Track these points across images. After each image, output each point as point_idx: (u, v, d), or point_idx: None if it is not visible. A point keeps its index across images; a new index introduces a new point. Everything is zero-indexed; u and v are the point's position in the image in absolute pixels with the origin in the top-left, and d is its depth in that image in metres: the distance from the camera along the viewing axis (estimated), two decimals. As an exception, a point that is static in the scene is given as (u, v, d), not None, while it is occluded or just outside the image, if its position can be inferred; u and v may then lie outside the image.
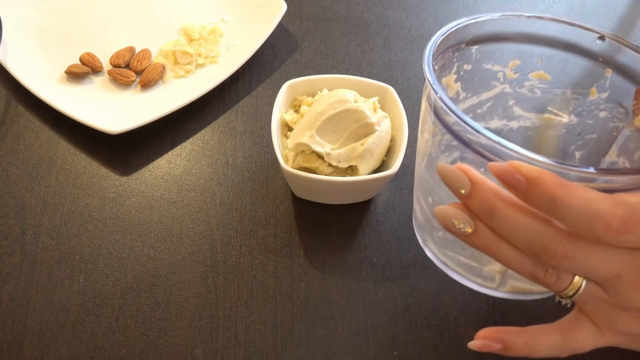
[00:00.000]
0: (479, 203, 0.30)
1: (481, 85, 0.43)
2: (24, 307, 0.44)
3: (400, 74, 0.60)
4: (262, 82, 0.59)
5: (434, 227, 0.41)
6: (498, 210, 0.30)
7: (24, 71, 0.55)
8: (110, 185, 0.51)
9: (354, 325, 0.44)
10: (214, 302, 0.45)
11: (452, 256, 0.41)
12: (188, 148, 0.54)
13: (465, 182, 0.30)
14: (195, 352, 0.42)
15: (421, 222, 0.43)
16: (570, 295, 0.32)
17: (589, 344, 0.33)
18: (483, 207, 0.30)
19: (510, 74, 0.43)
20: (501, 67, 0.42)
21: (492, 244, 0.31)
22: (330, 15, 0.64)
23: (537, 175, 0.28)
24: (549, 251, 0.30)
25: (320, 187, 0.47)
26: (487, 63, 0.42)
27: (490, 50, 0.42)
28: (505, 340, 0.33)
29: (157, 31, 0.61)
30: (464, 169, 0.30)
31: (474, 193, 0.30)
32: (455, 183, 0.31)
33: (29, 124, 0.54)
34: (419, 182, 0.42)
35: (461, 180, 0.30)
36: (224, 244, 0.48)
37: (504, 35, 0.41)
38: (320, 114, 0.46)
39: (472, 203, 0.31)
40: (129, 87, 0.57)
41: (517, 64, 0.42)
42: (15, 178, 0.51)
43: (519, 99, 0.44)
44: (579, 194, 0.28)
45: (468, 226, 0.31)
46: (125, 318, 0.44)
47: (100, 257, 0.47)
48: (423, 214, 0.42)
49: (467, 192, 0.30)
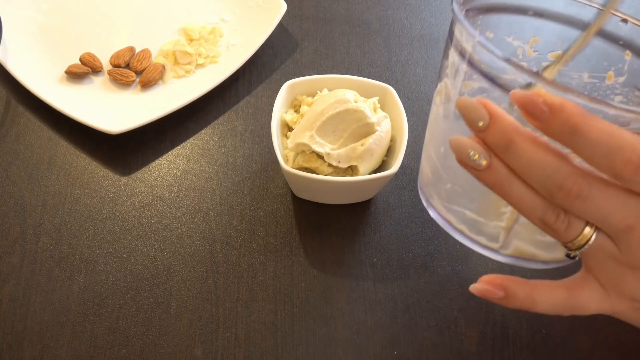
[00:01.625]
0: (496, 135, 0.29)
1: None
2: (24, 307, 0.44)
3: (400, 74, 0.60)
4: (262, 82, 0.59)
5: (442, 179, 0.40)
6: (515, 143, 0.29)
7: (24, 71, 0.55)
8: (110, 185, 0.51)
9: (354, 325, 0.44)
10: (214, 302, 0.45)
11: (458, 211, 0.39)
12: (188, 148, 0.54)
13: (484, 114, 0.29)
14: (195, 352, 0.42)
15: (428, 179, 0.41)
16: (580, 246, 0.31)
17: (593, 305, 0.32)
18: (500, 140, 0.29)
19: (530, 52, 0.42)
20: (521, 43, 0.42)
21: (505, 180, 0.30)
22: (330, 15, 0.64)
23: (560, 102, 0.28)
24: (563, 188, 0.29)
25: (320, 187, 0.47)
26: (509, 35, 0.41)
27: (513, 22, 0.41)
28: (507, 288, 0.33)
29: (157, 31, 0.61)
30: (483, 102, 0.30)
31: (492, 125, 0.29)
32: (474, 115, 0.30)
33: (29, 124, 0.54)
34: (431, 135, 0.40)
35: (480, 112, 0.30)
36: (224, 244, 0.48)
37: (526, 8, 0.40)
38: (321, 114, 0.46)
39: (489, 136, 0.30)
40: (129, 87, 0.57)
41: (537, 42, 0.41)
42: (15, 178, 0.51)
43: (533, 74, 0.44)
44: (601, 126, 0.27)
45: (483, 158, 0.30)
46: (125, 318, 0.44)
47: (100, 257, 0.47)
48: (432, 168, 0.40)
49: (485, 125, 0.29)
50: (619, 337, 0.44)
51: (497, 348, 0.43)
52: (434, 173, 0.41)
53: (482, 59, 0.33)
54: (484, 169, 0.30)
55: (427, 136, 0.42)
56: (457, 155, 0.31)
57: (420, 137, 0.55)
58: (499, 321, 0.44)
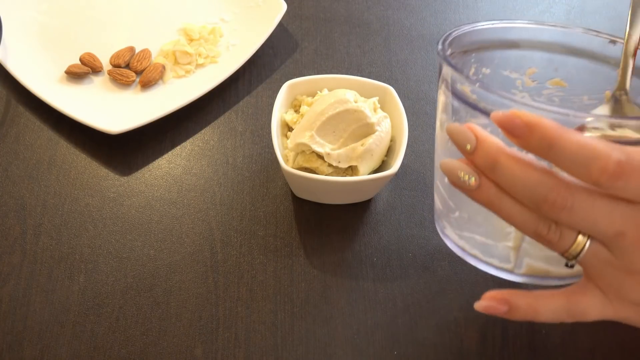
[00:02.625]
0: (483, 156, 0.31)
1: None
2: (24, 307, 0.44)
3: (400, 74, 0.60)
4: (262, 82, 0.59)
5: (450, 208, 0.41)
6: (500, 162, 0.31)
7: (24, 71, 0.55)
8: (110, 185, 0.51)
9: (354, 325, 0.44)
10: (214, 302, 0.45)
11: (469, 237, 0.41)
12: (188, 148, 0.54)
13: (471, 138, 0.32)
14: (195, 352, 0.42)
15: (439, 209, 0.43)
16: (575, 255, 0.32)
17: (595, 312, 0.33)
18: (487, 160, 0.31)
19: (529, 82, 0.43)
20: (519, 75, 0.43)
21: (495, 197, 0.32)
22: (330, 15, 0.64)
23: (536, 120, 0.29)
24: (548, 201, 0.30)
25: (320, 187, 0.47)
26: (505, 69, 0.43)
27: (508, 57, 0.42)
28: (510, 301, 0.34)
29: (157, 31, 0.61)
30: (470, 127, 0.32)
31: (479, 147, 0.32)
32: (462, 139, 0.32)
33: (29, 124, 0.54)
34: (436, 166, 0.42)
35: (468, 136, 0.32)
36: (224, 244, 0.48)
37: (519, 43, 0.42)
38: (321, 114, 0.46)
39: (476, 157, 0.32)
40: (129, 87, 0.57)
41: (535, 72, 0.43)
42: (15, 178, 0.51)
43: None
44: (576, 138, 0.29)
45: (473, 179, 0.32)
46: (125, 318, 0.44)
47: (100, 257, 0.47)
48: (441, 199, 0.42)
49: (473, 147, 0.32)
50: (619, 337, 0.44)
51: (497, 348, 0.43)
52: (443, 203, 0.42)
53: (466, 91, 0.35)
54: (475, 188, 0.32)
55: (435, 169, 0.43)
56: (449, 177, 0.33)
57: (420, 137, 0.55)
58: (499, 321, 0.44)
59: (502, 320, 0.44)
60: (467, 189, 0.33)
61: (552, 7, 0.66)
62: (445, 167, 0.33)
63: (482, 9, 0.66)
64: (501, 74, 0.43)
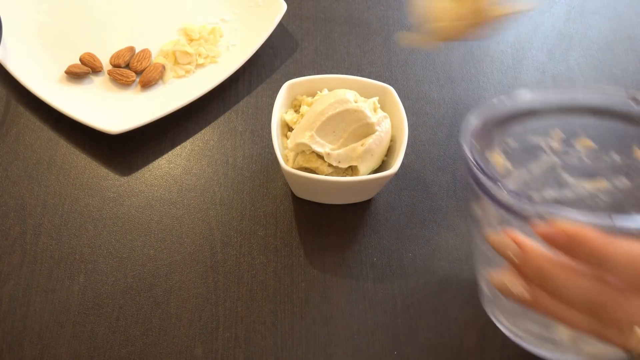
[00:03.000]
0: (530, 267, 0.31)
1: (529, 158, 0.44)
2: (24, 307, 0.44)
3: (400, 74, 0.60)
4: (262, 82, 0.59)
5: (498, 296, 0.41)
6: (549, 272, 0.31)
7: (24, 71, 0.55)
8: (110, 185, 0.51)
9: (354, 325, 0.44)
10: (214, 302, 0.45)
11: (523, 326, 0.41)
12: (188, 148, 0.54)
13: (515, 249, 0.32)
14: (195, 352, 0.42)
15: (488, 297, 0.43)
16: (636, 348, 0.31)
17: None
18: (535, 271, 0.31)
19: (556, 146, 0.43)
20: (546, 139, 0.43)
21: (550, 306, 0.32)
22: (330, 15, 0.64)
23: (579, 232, 0.29)
24: (602, 307, 0.30)
25: (320, 187, 0.47)
26: (531, 136, 0.43)
27: (532, 125, 0.42)
28: None
29: (157, 31, 0.61)
30: (512, 236, 0.32)
31: (525, 258, 0.31)
32: (505, 250, 0.32)
33: (29, 124, 0.54)
34: (477, 255, 0.42)
35: (510, 247, 0.32)
36: (224, 244, 0.48)
37: (542, 110, 0.42)
38: (321, 114, 0.46)
39: (524, 268, 0.32)
40: (129, 87, 0.57)
41: (561, 136, 0.43)
42: (15, 178, 0.51)
43: (569, 168, 0.44)
44: (625, 247, 0.29)
45: (524, 291, 0.32)
46: (125, 318, 0.44)
47: (100, 257, 0.47)
48: (489, 287, 0.42)
49: (519, 258, 0.32)
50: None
51: (497, 348, 0.43)
52: (491, 291, 0.42)
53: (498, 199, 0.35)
54: (527, 298, 0.32)
55: (474, 253, 0.43)
56: (500, 291, 0.33)
57: (420, 137, 0.55)
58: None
59: (502, 320, 0.44)
60: (519, 300, 0.32)
61: (552, 7, 0.66)
62: (496, 282, 0.33)
63: (482, 9, 0.65)
64: (527, 141, 0.43)
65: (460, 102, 0.57)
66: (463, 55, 0.61)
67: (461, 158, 0.39)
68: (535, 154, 0.44)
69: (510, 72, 0.60)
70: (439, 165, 0.53)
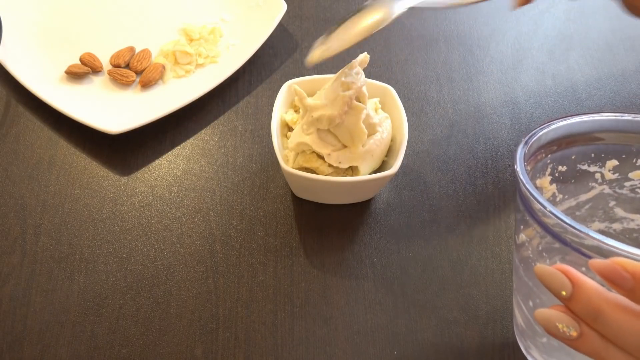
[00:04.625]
0: (582, 305, 0.29)
1: (578, 187, 0.42)
2: (24, 307, 0.44)
3: (400, 74, 0.60)
4: (262, 82, 0.59)
5: (536, 332, 0.39)
6: (603, 312, 0.28)
7: (24, 71, 0.55)
8: (110, 185, 0.51)
9: (354, 325, 0.44)
10: (214, 302, 0.45)
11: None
12: (188, 148, 0.54)
13: (566, 283, 0.29)
14: (195, 352, 0.42)
15: (522, 328, 0.41)
16: None
17: None
18: (587, 309, 0.29)
19: (609, 175, 0.41)
20: (598, 168, 0.41)
21: (601, 348, 0.29)
22: (330, 15, 0.64)
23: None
24: None
25: (320, 187, 0.47)
26: (583, 164, 0.41)
27: (585, 151, 0.40)
28: None
29: (157, 31, 0.61)
30: (563, 270, 0.29)
31: (577, 294, 0.29)
32: (555, 285, 0.29)
33: (29, 124, 0.54)
34: (518, 286, 0.40)
35: (562, 281, 0.29)
36: (224, 244, 0.48)
37: (597, 136, 0.40)
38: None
39: (575, 305, 0.29)
40: (129, 87, 0.57)
41: (616, 164, 0.41)
42: (15, 178, 0.51)
43: (621, 200, 0.42)
44: None
45: (573, 330, 0.29)
46: (125, 318, 0.44)
47: (100, 257, 0.47)
48: (524, 319, 0.40)
49: (569, 294, 0.29)
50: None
51: (497, 348, 0.43)
52: (528, 325, 0.40)
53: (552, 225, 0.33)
54: (575, 339, 0.29)
55: (514, 284, 0.41)
56: (545, 328, 0.30)
57: (420, 137, 0.55)
58: (499, 321, 0.44)
59: (502, 320, 0.44)
60: (567, 340, 0.30)
61: (552, 7, 0.66)
62: (541, 317, 0.30)
63: (482, 9, 0.66)
64: (579, 169, 0.41)
65: (460, 102, 0.57)
66: (463, 55, 0.61)
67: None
68: (586, 184, 0.42)
69: (510, 72, 0.60)
70: (439, 165, 0.53)
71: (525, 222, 0.36)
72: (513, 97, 0.58)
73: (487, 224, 0.49)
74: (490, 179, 0.52)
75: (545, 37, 0.63)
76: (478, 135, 0.55)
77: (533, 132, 0.38)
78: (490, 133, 0.55)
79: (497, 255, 0.48)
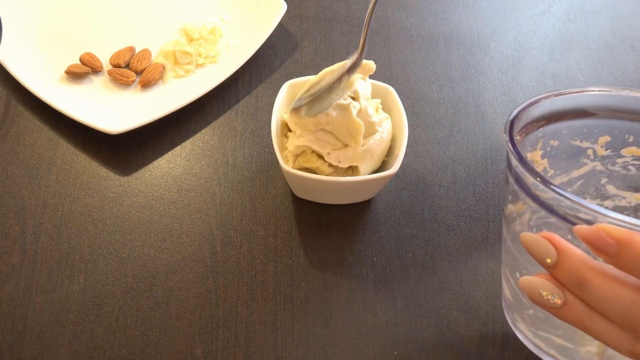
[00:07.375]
0: (566, 272, 0.29)
1: (570, 163, 0.41)
2: (24, 307, 0.44)
3: (400, 74, 0.60)
4: (262, 82, 0.59)
5: (523, 305, 0.39)
6: (587, 279, 0.28)
7: (24, 71, 0.55)
8: (110, 185, 0.51)
9: (354, 325, 0.44)
10: (214, 302, 0.45)
11: (545, 337, 0.38)
12: (188, 148, 0.54)
13: (551, 251, 0.29)
14: (195, 352, 0.42)
15: (510, 301, 0.41)
16: None
17: None
18: (571, 277, 0.28)
19: (601, 151, 0.41)
20: (590, 144, 0.40)
21: (585, 317, 0.29)
22: (330, 15, 0.64)
23: (628, 236, 0.27)
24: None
25: (320, 187, 0.47)
26: (575, 139, 0.40)
27: (577, 126, 0.40)
28: None
29: (157, 31, 0.61)
30: (548, 237, 0.29)
31: (561, 261, 0.29)
32: (540, 252, 0.29)
33: (29, 124, 0.54)
34: (505, 258, 0.40)
35: (546, 248, 0.29)
36: (224, 244, 0.48)
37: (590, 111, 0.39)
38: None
39: (559, 272, 0.29)
40: (129, 87, 0.57)
41: (608, 140, 0.40)
42: (15, 178, 0.51)
43: (612, 176, 0.42)
44: None
45: (557, 297, 0.29)
46: (125, 318, 0.44)
47: (100, 257, 0.47)
48: (511, 291, 0.39)
49: (554, 261, 0.29)
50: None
51: (497, 348, 0.43)
52: (515, 297, 0.39)
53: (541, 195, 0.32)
54: (560, 307, 0.29)
55: (502, 254, 0.40)
56: (529, 295, 0.30)
57: (420, 137, 0.55)
58: (499, 321, 0.44)
59: (502, 320, 0.44)
60: (551, 308, 0.29)
61: (552, 7, 0.66)
62: (525, 285, 0.30)
63: (482, 9, 0.66)
64: (571, 144, 0.40)
65: (460, 102, 0.57)
66: (463, 55, 0.61)
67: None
68: (578, 160, 0.41)
69: (510, 72, 0.60)
70: (439, 165, 0.53)
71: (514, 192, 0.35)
72: (513, 97, 0.58)
73: (487, 224, 0.49)
74: (490, 179, 0.52)
75: (545, 37, 0.63)
76: (478, 135, 0.55)
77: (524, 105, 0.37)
78: (490, 133, 0.55)
79: (497, 255, 0.48)
